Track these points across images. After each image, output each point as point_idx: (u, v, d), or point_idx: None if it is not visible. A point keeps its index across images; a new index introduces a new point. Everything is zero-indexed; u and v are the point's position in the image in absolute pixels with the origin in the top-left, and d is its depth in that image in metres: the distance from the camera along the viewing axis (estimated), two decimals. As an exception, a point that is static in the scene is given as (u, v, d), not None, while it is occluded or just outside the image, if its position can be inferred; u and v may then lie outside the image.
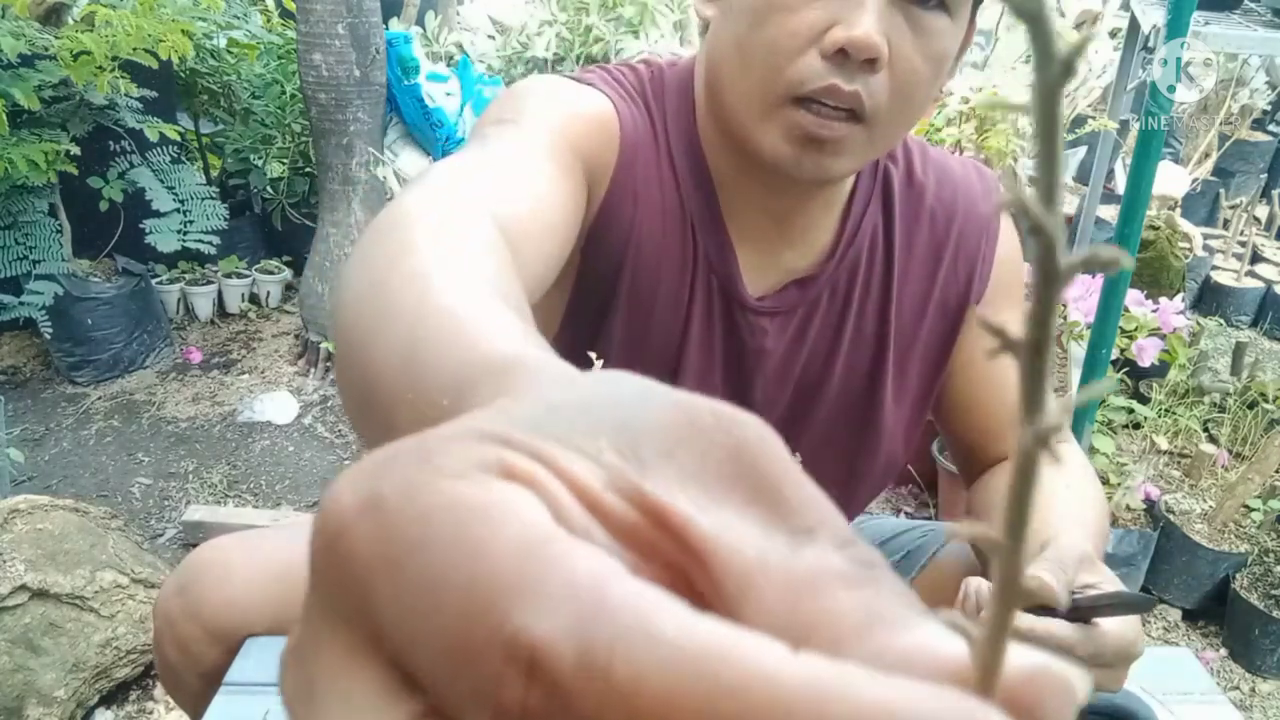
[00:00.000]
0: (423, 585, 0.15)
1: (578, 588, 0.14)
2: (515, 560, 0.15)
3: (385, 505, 0.16)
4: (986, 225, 0.88)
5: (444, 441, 0.17)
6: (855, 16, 0.66)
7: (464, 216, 0.48)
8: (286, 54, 3.03)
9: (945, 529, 0.17)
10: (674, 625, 0.14)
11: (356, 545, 0.16)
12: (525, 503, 0.16)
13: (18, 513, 1.60)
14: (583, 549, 0.15)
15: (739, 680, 0.13)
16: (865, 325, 0.86)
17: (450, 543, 0.15)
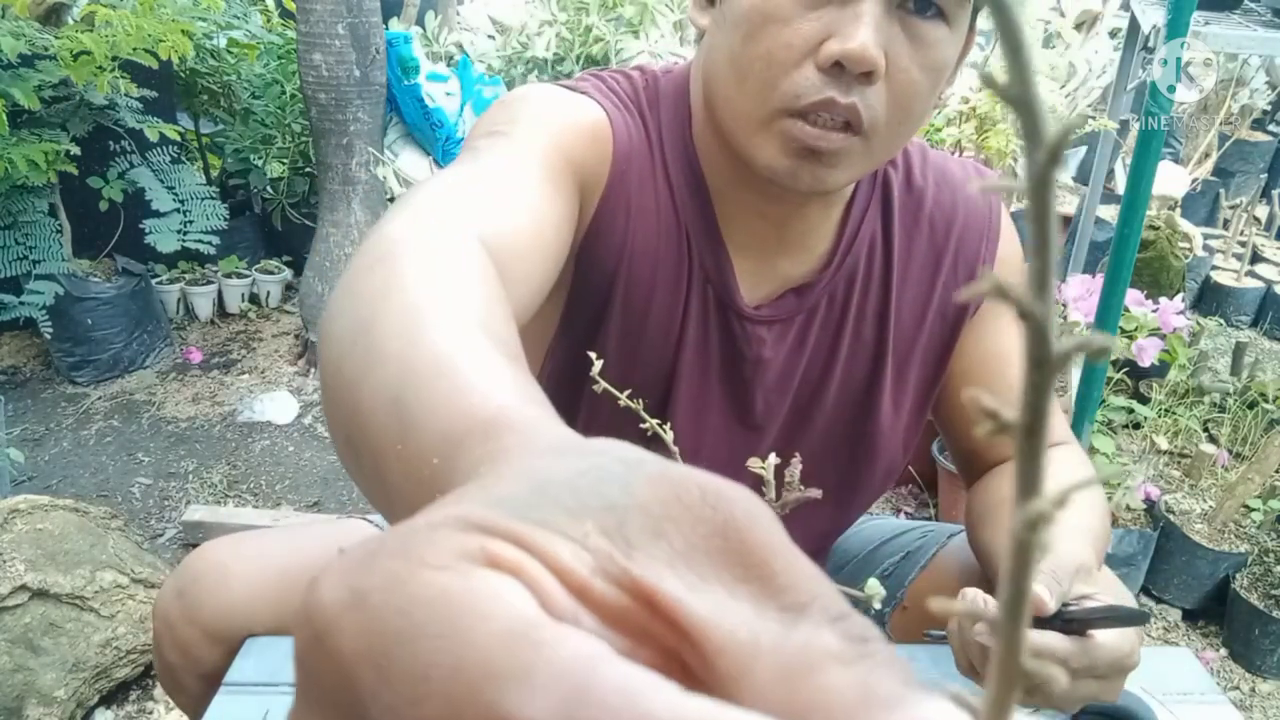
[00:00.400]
0: (410, 675, 0.15)
1: (566, 671, 0.14)
2: (502, 646, 0.15)
3: (369, 600, 0.16)
4: (986, 228, 0.88)
5: (426, 532, 0.17)
6: (851, 29, 0.65)
7: (452, 244, 0.47)
8: (286, 54, 3.03)
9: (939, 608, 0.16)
10: (664, 705, 0.14)
11: (342, 641, 0.16)
12: (511, 590, 0.16)
13: (18, 513, 1.60)
14: (570, 633, 0.15)
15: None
16: (864, 332, 0.86)
17: (436, 632, 0.15)
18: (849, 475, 0.90)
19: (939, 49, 0.69)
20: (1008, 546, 0.15)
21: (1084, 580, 0.67)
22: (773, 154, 0.70)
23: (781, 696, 0.16)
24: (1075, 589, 0.66)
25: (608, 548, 0.18)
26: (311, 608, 0.17)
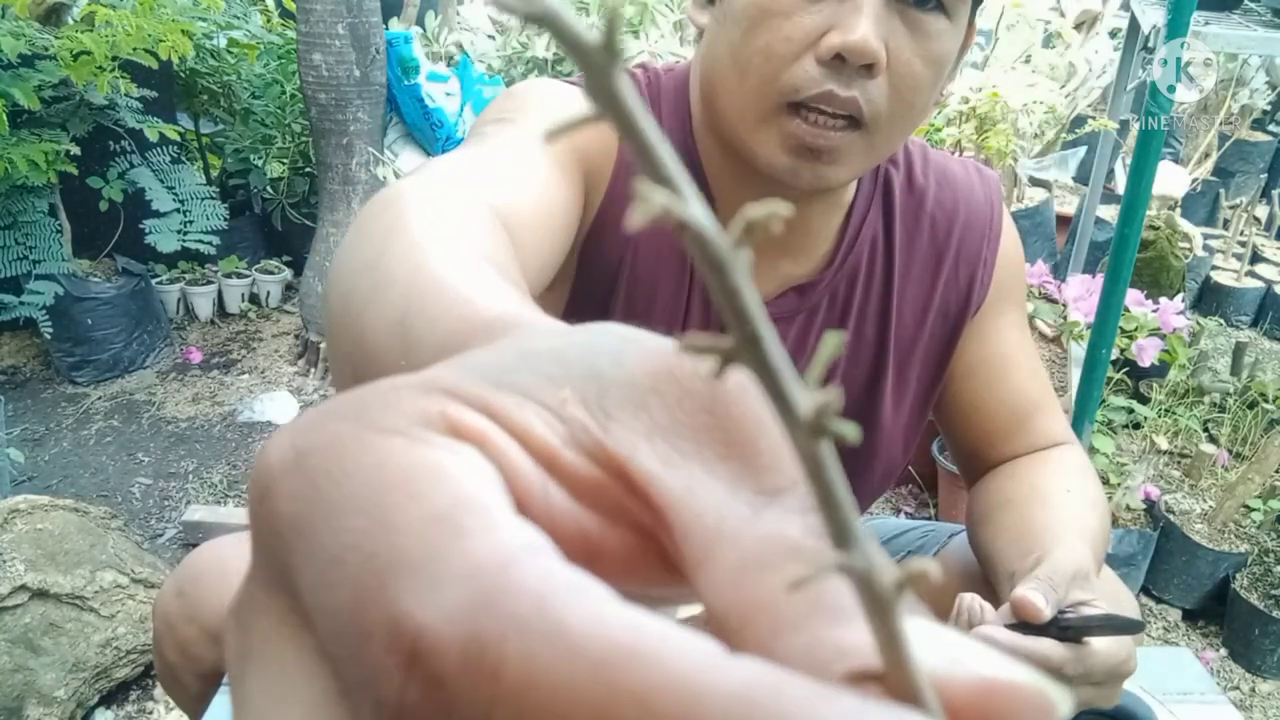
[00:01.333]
0: (328, 555, 0.14)
1: (477, 569, 0.13)
2: (421, 533, 0.13)
3: (308, 462, 0.15)
4: (987, 228, 0.88)
5: (387, 393, 0.16)
6: (851, 21, 0.65)
7: (461, 200, 0.48)
8: (286, 54, 3.03)
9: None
10: (581, 618, 0.12)
11: (279, 505, 0.15)
12: (459, 465, 0.15)
13: (18, 513, 1.60)
14: (502, 522, 0.14)
15: (648, 687, 0.11)
16: (865, 332, 0.86)
17: (360, 508, 0.14)
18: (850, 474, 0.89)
19: (939, 41, 0.70)
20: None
21: (1081, 586, 0.67)
22: (773, 151, 0.70)
23: (732, 593, 0.15)
24: (1072, 595, 0.66)
25: (584, 417, 0.16)
26: (259, 463, 0.16)
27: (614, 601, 0.12)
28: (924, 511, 2.20)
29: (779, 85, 0.68)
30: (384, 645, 0.12)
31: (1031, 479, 0.85)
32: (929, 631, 0.13)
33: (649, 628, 0.12)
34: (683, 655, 0.12)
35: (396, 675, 0.12)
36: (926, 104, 0.73)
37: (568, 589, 0.12)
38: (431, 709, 0.12)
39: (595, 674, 0.11)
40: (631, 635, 0.12)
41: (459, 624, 0.12)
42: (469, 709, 0.12)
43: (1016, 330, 0.91)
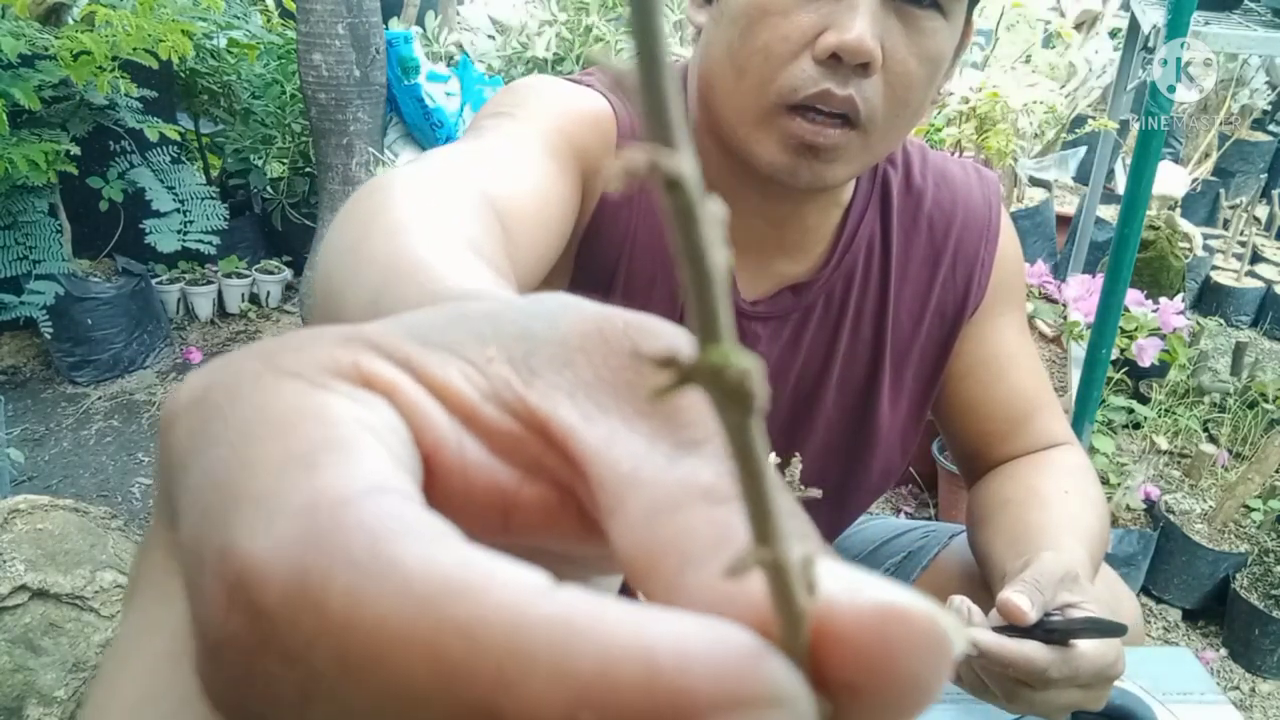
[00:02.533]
0: (193, 484, 0.14)
1: (315, 505, 0.12)
2: (274, 469, 0.13)
3: (207, 397, 0.15)
4: (985, 228, 0.88)
5: (305, 339, 0.16)
6: (847, 20, 0.66)
7: (451, 188, 0.48)
8: (286, 54, 3.03)
9: None
10: (414, 555, 0.12)
11: (173, 438, 0.15)
12: (345, 411, 0.14)
13: (18, 513, 1.60)
14: (361, 463, 0.13)
15: (475, 618, 0.11)
16: (862, 332, 0.86)
17: (232, 442, 0.14)
18: (848, 475, 0.90)
19: (935, 39, 0.70)
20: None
21: (1069, 589, 0.67)
22: (772, 151, 0.70)
23: (642, 535, 0.14)
24: (1060, 597, 0.66)
25: (507, 374, 0.16)
26: (169, 398, 0.16)
27: (450, 538, 0.12)
28: (924, 511, 2.20)
29: (776, 85, 0.68)
30: (212, 573, 0.12)
31: (1030, 480, 0.85)
32: (833, 568, 0.13)
33: (479, 563, 0.12)
34: (507, 587, 0.11)
35: (220, 605, 0.12)
36: (923, 103, 0.73)
37: (404, 528, 0.12)
38: (251, 640, 0.12)
39: (422, 608, 0.11)
40: (460, 570, 0.12)
41: (285, 557, 0.12)
42: (289, 642, 0.11)
43: (1015, 330, 0.91)
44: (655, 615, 0.12)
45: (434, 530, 0.12)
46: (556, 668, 0.11)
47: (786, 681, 0.11)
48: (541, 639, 0.11)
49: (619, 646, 0.11)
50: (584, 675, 0.11)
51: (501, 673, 0.11)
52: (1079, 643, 0.65)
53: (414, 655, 0.11)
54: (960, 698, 0.79)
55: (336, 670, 0.11)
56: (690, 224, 0.11)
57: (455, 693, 0.11)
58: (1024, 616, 0.64)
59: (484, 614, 0.11)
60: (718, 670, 0.11)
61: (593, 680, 0.11)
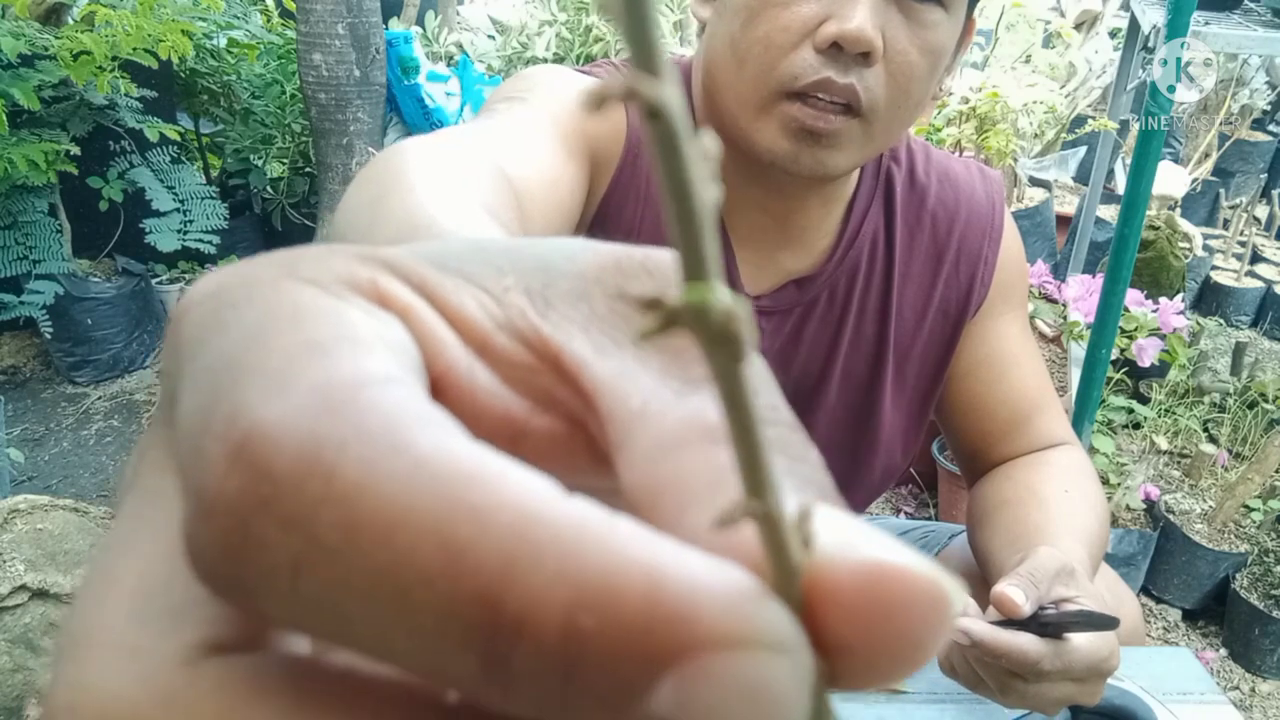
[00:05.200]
0: (201, 366, 0.13)
1: (331, 383, 0.12)
2: (288, 351, 0.13)
3: (220, 295, 0.14)
4: (989, 228, 0.88)
5: (324, 252, 0.16)
6: (848, 10, 0.67)
7: (465, 158, 0.48)
8: (286, 54, 3.03)
9: None
10: (429, 441, 0.12)
11: (181, 331, 0.15)
12: (360, 321, 0.14)
13: (18, 513, 1.60)
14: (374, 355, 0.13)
15: (485, 506, 0.11)
16: (865, 328, 0.86)
17: (245, 329, 0.13)
18: (849, 472, 0.90)
19: (936, 31, 0.71)
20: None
21: (1065, 583, 0.67)
22: (773, 137, 0.71)
23: (647, 470, 0.14)
24: (1055, 592, 0.67)
25: (523, 303, 0.16)
26: (184, 294, 0.15)
27: (465, 435, 0.12)
28: (924, 511, 2.20)
29: (777, 74, 0.69)
30: (215, 436, 0.12)
31: (1029, 480, 0.85)
32: (830, 516, 0.13)
33: (494, 458, 0.12)
34: (524, 484, 0.11)
35: (221, 465, 0.12)
36: (923, 95, 0.73)
37: (419, 416, 0.12)
38: (250, 502, 0.11)
39: (434, 487, 0.11)
40: (476, 461, 0.11)
41: (299, 424, 0.12)
42: (290, 506, 0.11)
43: (1018, 330, 0.91)
44: (668, 542, 0.11)
45: (447, 423, 0.12)
46: (563, 565, 0.11)
47: (789, 631, 0.11)
48: (551, 535, 0.11)
49: (628, 558, 0.11)
50: (589, 579, 0.11)
51: (508, 562, 0.11)
52: (1072, 636, 0.65)
53: (423, 531, 0.11)
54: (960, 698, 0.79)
55: (339, 539, 0.11)
56: (673, 155, 0.11)
57: (459, 575, 0.11)
58: (1018, 609, 0.64)
59: (498, 501, 0.11)
60: (723, 606, 0.11)
61: (597, 585, 0.11)
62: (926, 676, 0.81)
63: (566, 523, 0.11)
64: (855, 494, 0.93)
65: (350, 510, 0.11)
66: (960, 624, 0.66)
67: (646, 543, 0.11)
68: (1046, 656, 0.64)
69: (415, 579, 0.11)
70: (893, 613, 0.12)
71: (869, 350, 0.87)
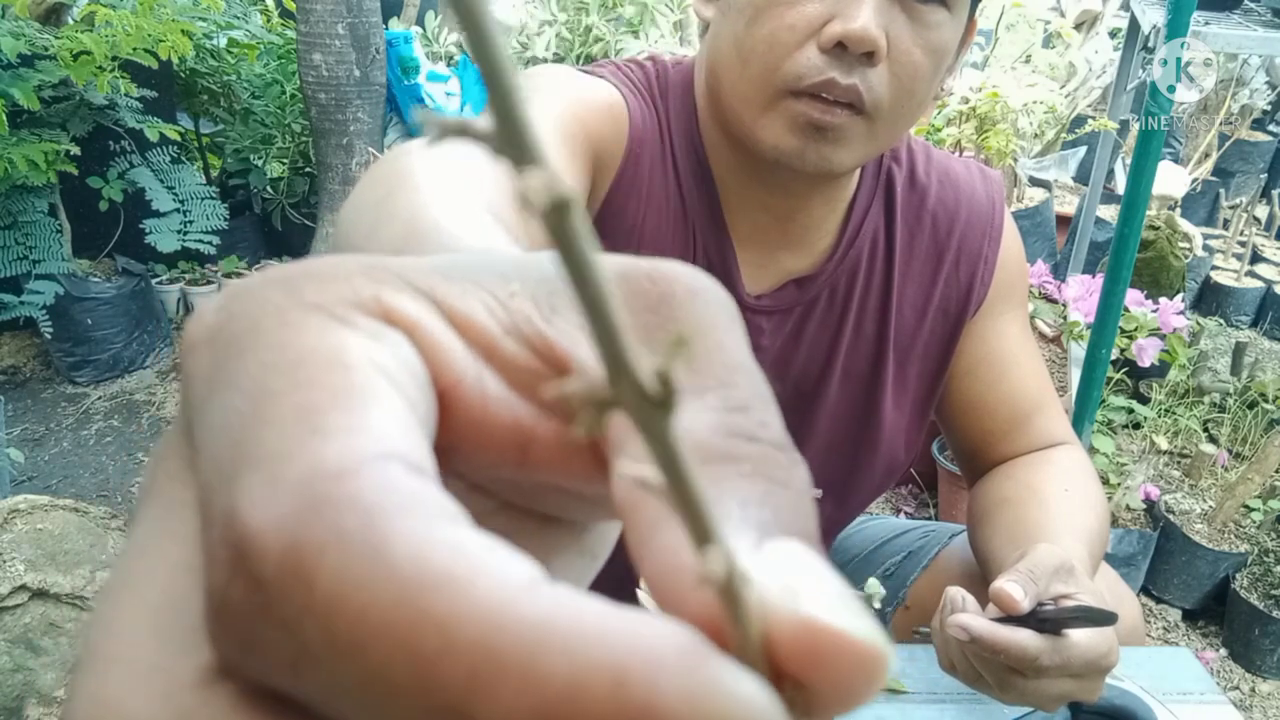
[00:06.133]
0: (211, 427, 0.14)
1: (316, 475, 0.12)
2: (284, 428, 0.13)
3: (230, 326, 0.15)
4: (988, 227, 0.88)
5: (332, 266, 0.16)
6: (853, 10, 0.67)
7: (470, 158, 0.48)
8: (286, 54, 3.03)
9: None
10: (406, 537, 0.12)
11: (196, 363, 0.15)
12: (364, 354, 0.14)
13: (18, 513, 1.60)
14: (372, 426, 0.13)
15: (453, 615, 0.11)
16: (865, 327, 0.86)
17: (249, 389, 0.14)
18: (850, 471, 0.90)
19: (939, 31, 0.71)
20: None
21: (1064, 580, 0.68)
22: (778, 133, 0.71)
23: (628, 485, 0.14)
24: (1054, 588, 0.67)
25: (528, 309, 0.16)
26: (193, 319, 0.15)
27: (445, 518, 0.12)
28: (924, 511, 2.20)
29: (782, 73, 0.69)
30: (219, 537, 0.12)
31: (1029, 479, 0.85)
32: (782, 559, 0.13)
33: (470, 552, 0.12)
34: (493, 582, 0.11)
35: (225, 568, 0.12)
36: (926, 94, 0.74)
37: (402, 505, 0.12)
38: (250, 610, 0.12)
39: (403, 597, 0.11)
40: (449, 559, 0.12)
41: (283, 530, 0.12)
42: (284, 614, 0.12)
43: (1018, 330, 0.91)
44: (632, 622, 0.11)
45: (430, 509, 0.12)
46: (527, 676, 0.11)
47: (757, 703, 0.11)
48: (514, 644, 0.11)
49: (590, 657, 0.11)
50: (554, 686, 0.11)
51: (473, 676, 0.11)
52: (1071, 632, 0.65)
53: (392, 647, 0.11)
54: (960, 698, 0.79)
55: (323, 648, 0.11)
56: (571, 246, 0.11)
57: (428, 690, 0.11)
58: (1016, 605, 0.64)
59: (463, 610, 0.11)
60: (688, 690, 0.11)
61: (562, 692, 0.11)
62: (926, 676, 0.81)
63: (531, 624, 0.11)
64: (856, 493, 0.93)
65: (328, 621, 0.11)
66: (960, 620, 0.66)
67: (611, 631, 0.11)
68: (1045, 652, 0.64)
69: (389, 691, 0.11)
70: (828, 667, 0.12)
71: (869, 349, 0.87)
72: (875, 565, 1.01)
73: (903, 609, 0.97)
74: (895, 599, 0.97)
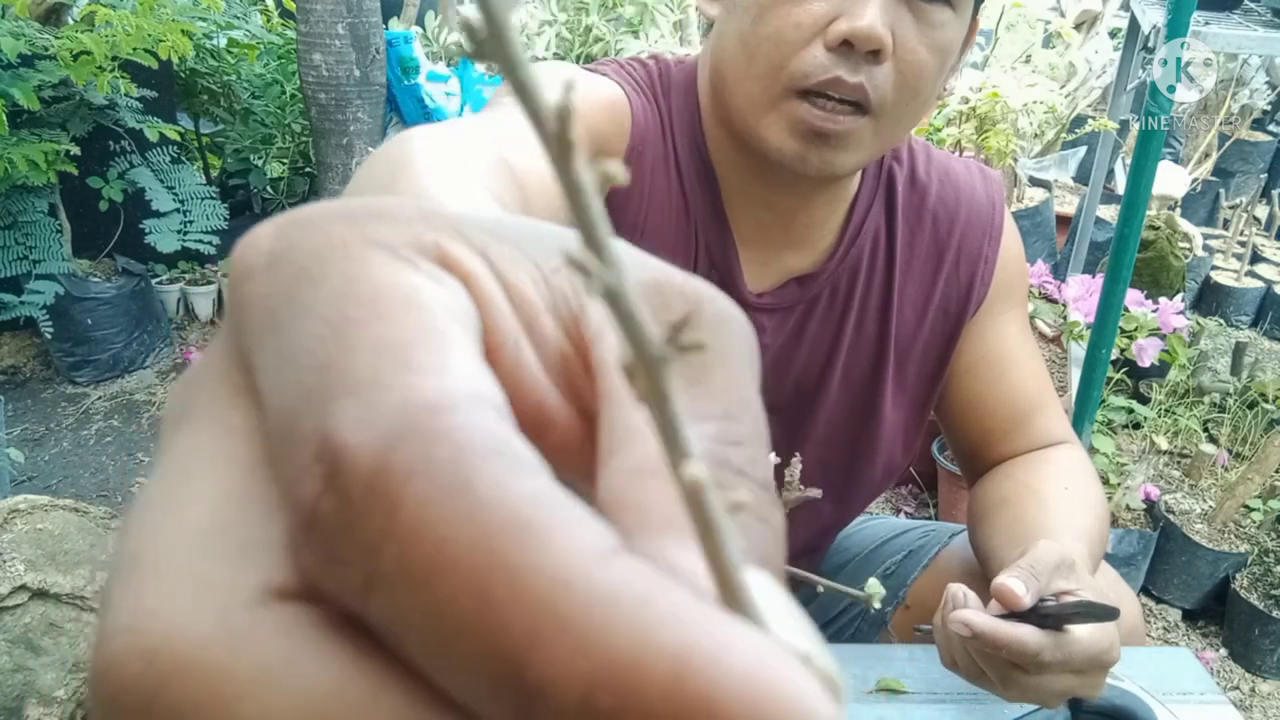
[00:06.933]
0: (288, 353, 0.14)
1: (411, 405, 0.12)
2: (373, 357, 0.13)
3: (292, 258, 0.15)
4: (989, 227, 0.88)
5: (392, 207, 0.16)
6: (859, 8, 0.67)
7: (470, 146, 0.48)
8: (286, 54, 3.03)
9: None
10: (491, 480, 0.12)
11: (254, 292, 0.15)
12: (435, 296, 0.14)
13: (18, 513, 1.60)
14: (456, 367, 0.13)
15: (523, 568, 0.11)
16: (866, 326, 0.86)
17: (328, 317, 0.14)
18: (850, 470, 0.90)
19: (944, 30, 0.71)
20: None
21: (1065, 576, 0.68)
22: (781, 136, 0.71)
23: (619, 489, 0.15)
24: (1055, 584, 0.67)
25: (568, 289, 0.16)
26: (246, 244, 0.15)
27: (532, 471, 0.12)
28: (924, 511, 2.20)
29: (788, 71, 0.69)
30: (312, 452, 0.13)
31: (1029, 478, 0.85)
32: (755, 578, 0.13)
33: (552, 506, 0.12)
34: (569, 542, 0.11)
35: (317, 483, 0.12)
36: (931, 93, 0.74)
37: (490, 448, 0.12)
38: (337, 523, 0.12)
39: (480, 540, 0.11)
40: (530, 510, 0.12)
41: (375, 451, 0.12)
42: (366, 534, 0.12)
43: (1018, 329, 0.91)
44: (703, 615, 0.11)
45: (518, 457, 0.12)
46: (588, 641, 0.11)
47: (822, 714, 0.11)
48: (582, 608, 0.11)
49: (657, 642, 0.11)
50: (613, 656, 0.11)
51: (535, 630, 0.11)
52: (1073, 628, 0.65)
53: (461, 585, 0.11)
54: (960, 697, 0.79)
55: (396, 573, 0.12)
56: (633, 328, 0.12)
57: (489, 633, 0.11)
58: (1018, 600, 0.64)
59: (535, 562, 0.11)
60: (751, 694, 0.11)
61: (619, 667, 0.11)
62: (926, 676, 0.81)
63: (602, 594, 0.11)
64: (856, 492, 0.93)
65: (405, 548, 0.11)
66: (962, 615, 0.66)
67: (680, 619, 0.11)
68: (1047, 647, 0.64)
69: (453, 626, 0.11)
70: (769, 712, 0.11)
71: (870, 348, 0.87)
72: (875, 565, 1.01)
73: (903, 608, 0.97)
74: (895, 598, 0.97)
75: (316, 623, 0.12)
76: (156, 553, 0.13)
